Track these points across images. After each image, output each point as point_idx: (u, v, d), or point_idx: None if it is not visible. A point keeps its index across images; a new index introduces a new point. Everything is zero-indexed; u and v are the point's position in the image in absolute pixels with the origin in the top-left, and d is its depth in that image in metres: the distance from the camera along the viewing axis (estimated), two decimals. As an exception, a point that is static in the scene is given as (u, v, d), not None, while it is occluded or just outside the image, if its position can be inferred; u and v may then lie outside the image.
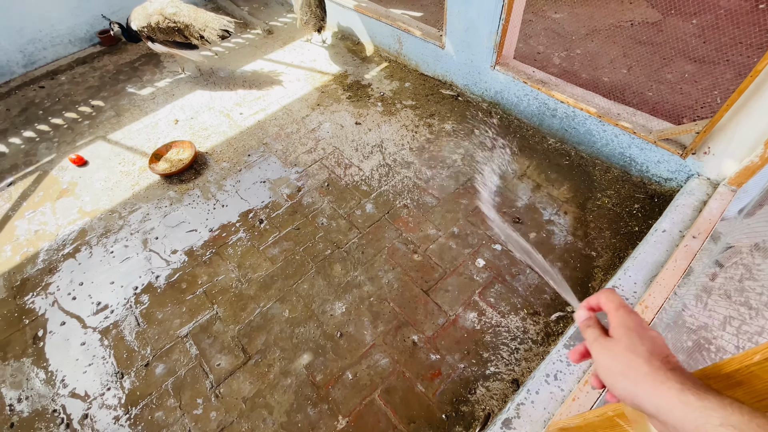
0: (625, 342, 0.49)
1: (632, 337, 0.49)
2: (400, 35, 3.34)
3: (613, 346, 0.50)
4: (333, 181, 2.66)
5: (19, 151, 3.14)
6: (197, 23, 3.02)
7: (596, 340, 0.53)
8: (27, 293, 2.26)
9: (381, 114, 3.09)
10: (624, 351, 0.48)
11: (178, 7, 3.03)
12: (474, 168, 2.60)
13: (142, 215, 2.56)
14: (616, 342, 0.50)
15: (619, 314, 0.52)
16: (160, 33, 3.06)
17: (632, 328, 0.50)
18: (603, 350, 0.51)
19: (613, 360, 0.49)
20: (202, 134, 3.08)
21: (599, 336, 0.53)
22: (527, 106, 2.75)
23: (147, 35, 3.11)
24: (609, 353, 0.50)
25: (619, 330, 0.50)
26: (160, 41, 3.13)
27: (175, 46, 3.16)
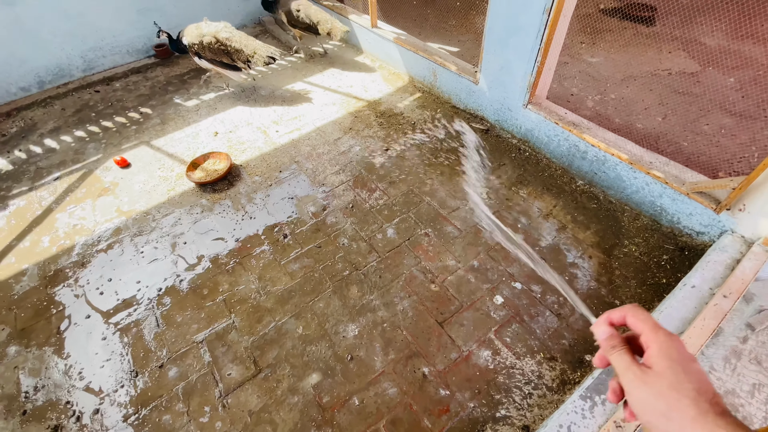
0: (669, 377, 0.42)
1: (677, 371, 0.42)
2: (435, 68, 3.44)
3: (654, 381, 0.43)
4: (357, 203, 2.71)
5: (69, 148, 3.36)
6: (247, 49, 3.27)
7: (629, 369, 0.46)
8: (58, 284, 2.37)
9: (410, 143, 3.16)
10: (667, 389, 0.41)
11: (231, 33, 3.28)
12: (501, 203, 2.61)
13: (174, 219, 2.68)
14: (658, 376, 0.43)
15: (660, 339, 0.45)
16: (209, 52, 3.30)
17: (676, 359, 0.43)
18: (641, 384, 0.44)
19: (654, 398, 0.42)
20: (238, 147, 3.22)
21: (632, 364, 0.46)
22: (557, 146, 2.76)
23: (196, 51, 3.35)
24: (648, 389, 0.43)
25: (661, 361, 0.43)
26: (207, 59, 3.37)
27: (220, 66, 3.39)
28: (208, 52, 3.32)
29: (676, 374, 0.42)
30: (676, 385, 0.41)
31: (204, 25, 3.33)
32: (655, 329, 0.46)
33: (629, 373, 0.46)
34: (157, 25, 3.63)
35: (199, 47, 3.31)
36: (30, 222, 2.77)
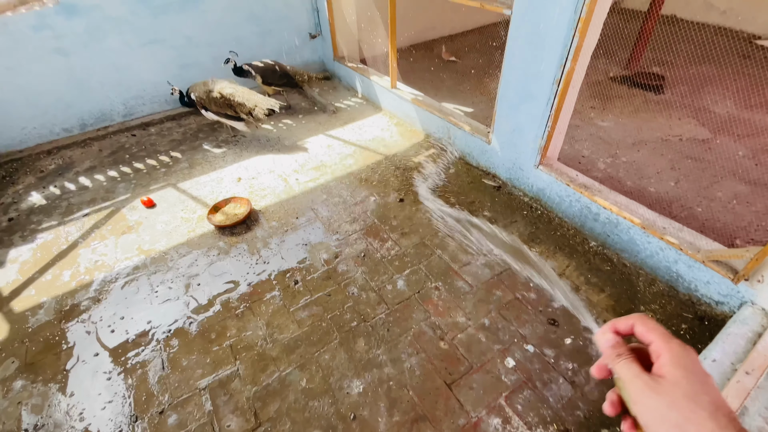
0: (684, 387, 0.39)
1: (693, 381, 0.40)
2: (449, 127, 3.62)
3: (668, 390, 0.40)
4: (369, 253, 2.75)
5: (100, 187, 3.56)
6: (249, 103, 3.64)
7: (638, 377, 0.43)
8: (72, 319, 2.41)
9: (425, 196, 3.24)
10: (683, 399, 0.39)
11: (235, 89, 3.68)
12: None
13: (191, 260, 2.75)
14: (672, 385, 0.40)
15: (673, 348, 0.42)
16: (214, 105, 3.69)
17: (692, 370, 0.40)
18: (652, 393, 0.41)
19: (667, 408, 0.39)
20: (259, 193, 3.36)
21: (641, 373, 0.43)
22: (569, 207, 2.80)
23: (203, 105, 3.73)
24: (661, 399, 0.40)
25: (675, 370, 0.40)
26: (213, 111, 3.74)
27: (225, 117, 3.76)
28: (213, 106, 3.69)
29: (692, 384, 0.40)
30: (693, 396, 0.39)
31: (210, 82, 3.72)
32: (667, 338, 0.43)
33: (638, 381, 0.43)
34: (170, 84, 3.97)
35: (206, 101, 3.68)
36: (54, 256, 2.88)
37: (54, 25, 3.75)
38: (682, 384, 0.40)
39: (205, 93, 3.68)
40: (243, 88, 3.78)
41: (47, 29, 3.74)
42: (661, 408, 0.40)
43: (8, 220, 3.26)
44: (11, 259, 2.87)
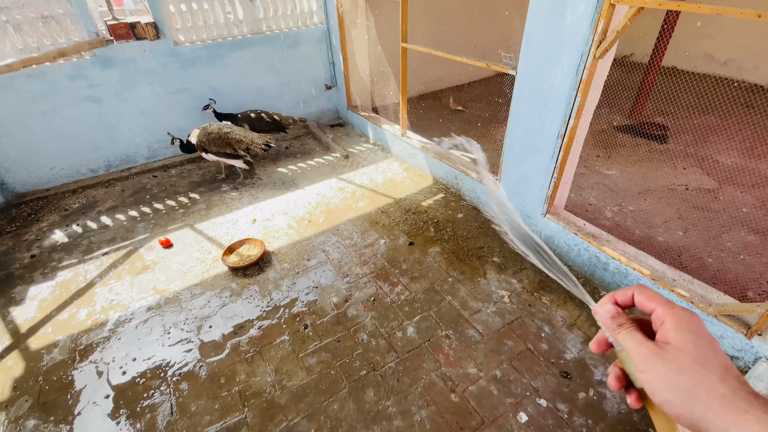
0: (692, 352, 0.38)
1: (701, 345, 0.38)
2: (457, 174, 3.74)
3: (675, 356, 0.38)
4: (379, 297, 2.77)
5: (121, 226, 3.69)
6: (246, 139, 4.01)
7: (642, 344, 0.41)
8: (86, 359, 2.44)
9: (433, 239, 3.30)
10: (692, 363, 0.37)
11: (232, 128, 4.04)
12: (523, 309, 2.61)
13: (203, 302, 2.79)
14: (679, 350, 0.38)
15: (678, 313, 0.40)
16: (214, 146, 3.94)
17: (698, 334, 0.39)
18: (659, 360, 0.39)
19: (675, 374, 0.38)
20: (273, 235, 3.45)
21: (645, 340, 0.41)
22: (578, 255, 2.82)
23: (203, 147, 3.98)
24: (669, 364, 0.38)
25: (681, 335, 0.39)
26: (213, 152, 3.99)
27: (224, 156, 4.02)
28: (213, 147, 3.95)
29: (700, 349, 0.38)
30: (702, 361, 0.37)
31: (208, 126, 4.01)
32: (670, 304, 0.42)
33: (643, 349, 0.41)
34: (170, 134, 4.17)
35: (206, 143, 3.94)
36: (72, 294, 2.95)
37: (89, 75, 4.06)
38: (689, 349, 0.38)
39: (205, 135, 3.95)
40: (239, 128, 4.12)
41: (82, 78, 4.05)
42: (669, 374, 0.38)
43: (30, 256, 3.38)
44: (31, 297, 2.95)
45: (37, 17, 3.71)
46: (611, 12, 2.09)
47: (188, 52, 4.40)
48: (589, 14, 2.14)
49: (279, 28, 4.85)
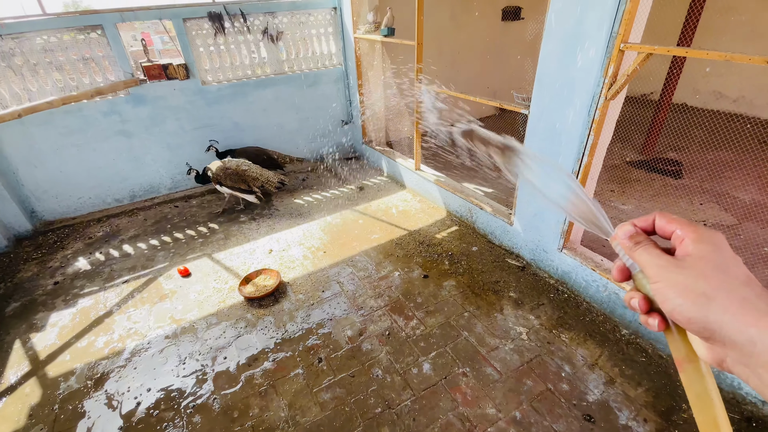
0: (714, 259, 0.36)
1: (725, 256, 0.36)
2: (471, 207, 3.78)
3: (695, 264, 0.37)
4: (394, 331, 2.74)
5: (142, 255, 3.79)
6: (262, 177, 4.19)
7: (659, 257, 0.39)
8: (101, 388, 2.45)
9: (447, 272, 3.30)
10: (713, 270, 0.36)
11: (249, 166, 4.20)
12: (542, 346, 2.55)
13: (219, 332, 2.81)
14: (700, 259, 0.37)
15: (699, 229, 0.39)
16: (230, 180, 4.09)
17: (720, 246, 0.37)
18: (677, 268, 0.37)
19: (694, 279, 0.36)
20: (289, 265, 3.50)
21: (663, 254, 0.39)
22: (596, 292, 2.78)
23: (218, 181, 4.14)
24: (687, 272, 0.37)
25: (703, 246, 0.37)
26: (227, 186, 4.13)
27: (238, 191, 4.17)
28: (228, 181, 4.10)
29: (724, 258, 0.36)
30: (723, 268, 0.36)
31: (227, 161, 4.18)
32: (691, 223, 0.40)
33: (659, 261, 0.39)
34: (188, 164, 4.40)
35: (222, 177, 4.10)
36: (92, 321, 3.00)
37: (122, 111, 4.32)
38: (711, 257, 0.37)
39: (222, 170, 4.11)
40: (255, 165, 4.29)
41: (115, 114, 4.31)
42: (687, 280, 0.37)
43: (54, 283, 3.47)
44: (51, 323, 3.01)
45: (79, 59, 4.01)
46: (621, 57, 2.18)
47: (214, 90, 4.66)
48: (599, 59, 2.24)
49: (300, 68, 5.13)
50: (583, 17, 2.26)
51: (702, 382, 0.39)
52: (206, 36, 4.41)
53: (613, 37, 2.16)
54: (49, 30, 3.77)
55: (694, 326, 0.36)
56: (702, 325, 0.35)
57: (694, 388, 0.40)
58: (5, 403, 2.41)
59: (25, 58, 3.76)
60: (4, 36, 3.61)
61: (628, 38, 2.14)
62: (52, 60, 3.88)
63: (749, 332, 0.33)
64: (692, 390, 0.40)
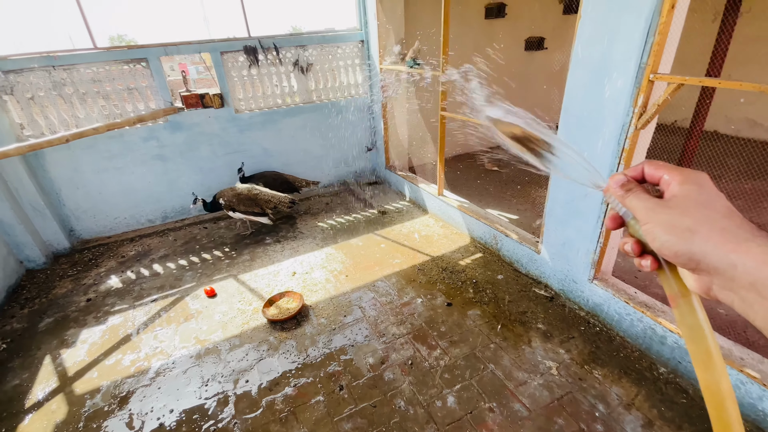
0: (696, 197, 0.39)
1: (707, 193, 0.39)
2: (496, 234, 3.73)
3: (679, 203, 0.40)
4: (417, 361, 2.68)
5: (170, 274, 3.89)
6: (274, 199, 4.30)
7: (648, 200, 0.42)
8: (125, 407, 2.47)
9: (472, 300, 3.23)
10: (695, 206, 0.39)
11: (261, 189, 4.37)
12: (573, 383, 2.42)
13: (242, 354, 2.81)
14: (684, 198, 0.40)
15: (684, 171, 0.41)
16: (242, 205, 4.19)
17: (704, 185, 0.40)
18: (663, 209, 0.40)
19: (679, 216, 0.39)
20: (311, 288, 3.51)
21: (651, 198, 0.42)
22: (630, 326, 2.65)
23: (231, 207, 4.23)
24: (672, 210, 0.40)
25: (688, 186, 0.40)
26: (240, 211, 4.22)
27: (252, 215, 4.26)
28: (242, 206, 4.20)
29: (706, 195, 0.39)
30: (706, 204, 0.39)
31: (237, 187, 4.33)
32: (677, 167, 0.43)
33: (648, 204, 0.42)
34: (194, 194, 4.45)
35: (235, 202, 4.21)
36: (120, 339, 3.07)
37: (160, 137, 4.56)
38: (694, 195, 0.39)
39: (234, 196, 4.24)
40: (265, 188, 4.43)
41: (154, 140, 4.55)
42: (673, 218, 0.39)
43: (86, 300, 3.59)
44: (82, 340, 3.09)
45: (124, 89, 4.31)
46: (650, 87, 2.17)
47: (246, 118, 4.88)
48: (628, 89, 2.23)
49: (327, 98, 5.33)
50: (611, 49, 2.27)
51: (694, 315, 0.41)
52: (241, 67, 4.67)
53: (642, 67, 2.16)
54: (98, 62, 4.08)
55: (680, 259, 0.39)
56: (688, 256, 0.38)
57: (686, 321, 0.42)
58: (31, 419, 2.46)
59: (75, 87, 4.06)
60: (56, 67, 3.93)
61: (657, 69, 2.14)
62: (99, 89, 4.18)
63: (730, 257, 0.36)
64: (685, 323, 0.42)
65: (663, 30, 2.03)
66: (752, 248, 0.35)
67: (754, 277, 0.35)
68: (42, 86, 3.93)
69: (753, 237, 0.36)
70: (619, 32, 2.20)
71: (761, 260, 0.34)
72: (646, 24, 2.07)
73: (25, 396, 2.62)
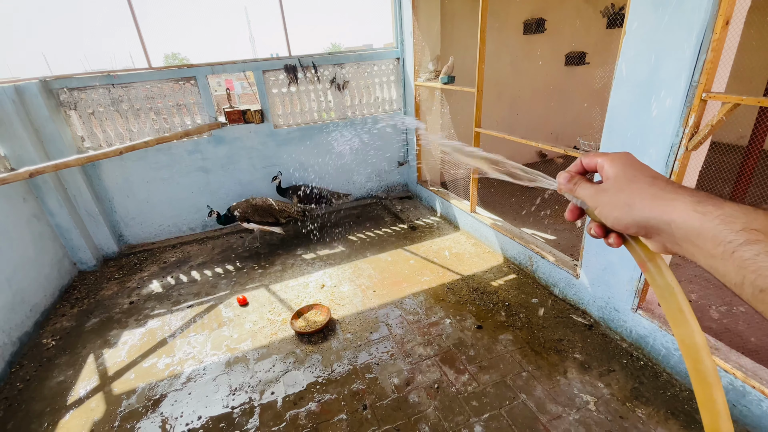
0: (623, 175, 0.45)
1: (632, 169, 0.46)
2: (531, 255, 3.59)
3: (612, 184, 0.46)
4: (443, 385, 2.59)
5: (206, 281, 4.04)
6: (288, 209, 4.52)
7: (590, 188, 0.49)
8: (157, 410, 2.56)
9: (504, 324, 3.10)
10: (625, 183, 0.45)
11: (273, 201, 4.49)
12: (613, 420, 2.25)
13: (269, 365, 2.85)
14: (614, 179, 0.46)
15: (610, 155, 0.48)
16: (258, 216, 4.32)
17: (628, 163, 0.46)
18: (601, 192, 0.47)
19: (615, 195, 0.46)
20: (339, 302, 3.52)
21: (592, 185, 0.49)
22: (679, 363, 2.44)
23: (246, 218, 4.34)
24: (609, 192, 0.46)
25: (615, 168, 0.47)
26: (255, 221, 4.35)
27: (266, 225, 4.39)
28: (257, 216, 4.34)
29: (632, 171, 0.45)
30: (632, 178, 0.45)
31: (251, 199, 4.46)
32: (605, 153, 0.49)
33: (591, 191, 0.48)
34: (209, 207, 4.59)
35: (250, 213, 4.34)
36: (157, 342, 3.20)
37: (204, 150, 4.81)
38: (620, 174, 0.46)
39: (249, 206, 4.38)
40: (276, 200, 4.60)
41: (198, 153, 4.81)
42: (612, 197, 0.46)
43: (129, 303, 3.79)
44: (123, 341, 3.26)
45: (173, 105, 4.60)
46: (703, 107, 2.03)
47: (284, 133, 5.06)
48: (677, 109, 2.10)
49: (362, 113, 5.43)
50: (658, 66, 2.16)
51: (662, 276, 0.45)
52: (281, 85, 4.87)
53: (693, 86, 2.03)
54: (152, 80, 4.39)
55: (632, 229, 0.45)
56: (636, 225, 0.44)
57: (657, 282, 0.45)
58: (72, 415, 2.60)
59: (131, 103, 4.39)
60: (115, 85, 4.26)
61: (710, 87, 2.00)
62: (152, 105, 4.48)
63: (663, 218, 0.41)
64: (656, 284, 0.45)
65: (716, 47, 1.90)
66: (677, 206, 0.41)
67: (685, 230, 0.40)
68: (102, 102, 4.28)
69: (677, 195, 0.41)
70: (668, 49, 2.09)
71: (686, 215, 0.40)
72: (698, 41, 1.95)
73: (68, 392, 2.78)
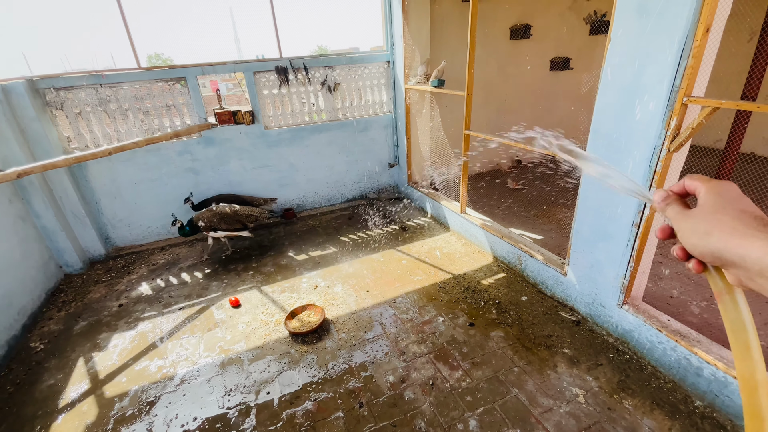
0: (712, 205, 0.46)
1: (724, 200, 0.45)
2: (520, 254, 3.67)
3: (699, 211, 0.47)
4: (438, 382, 2.64)
5: (197, 283, 4.01)
6: (254, 213, 4.43)
7: (680, 212, 0.49)
8: (150, 413, 2.53)
9: (495, 321, 3.17)
10: (710, 212, 0.45)
11: (234, 207, 4.31)
12: (601, 412, 2.33)
13: (264, 366, 2.85)
14: (703, 206, 0.46)
15: (712, 182, 0.48)
16: (224, 223, 4.23)
17: (724, 194, 0.46)
18: (686, 217, 0.48)
19: (697, 222, 0.46)
20: (332, 302, 3.54)
21: (683, 209, 0.49)
22: (663, 355, 2.54)
23: (211, 227, 4.21)
24: (693, 219, 0.47)
25: (710, 196, 0.47)
26: (222, 229, 4.25)
27: (233, 231, 4.30)
28: (223, 224, 4.23)
29: (723, 200, 0.45)
30: (719, 209, 0.45)
31: (215, 208, 4.25)
32: (707, 179, 0.49)
33: (680, 215, 0.49)
34: (173, 215, 4.50)
35: (216, 222, 4.20)
36: (148, 345, 3.16)
37: (193, 151, 4.77)
38: (710, 203, 0.46)
39: (215, 215, 4.19)
40: (242, 206, 4.46)
41: (187, 154, 4.76)
42: (695, 224, 0.46)
43: (118, 305, 3.73)
44: (113, 344, 3.21)
45: (162, 105, 4.55)
46: (684, 110, 2.14)
47: (275, 134, 5.06)
48: (660, 112, 2.21)
49: (353, 115, 5.47)
50: (642, 72, 2.26)
51: (736, 310, 0.45)
52: (272, 86, 4.87)
53: (675, 90, 2.14)
54: (141, 81, 4.34)
55: (707, 258, 0.46)
56: (711, 255, 0.44)
57: (729, 315, 0.46)
58: (64, 419, 2.56)
59: (119, 103, 4.33)
60: (103, 85, 4.20)
61: (691, 92, 2.11)
62: (140, 106, 4.43)
63: (738, 252, 0.42)
64: (728, 317, 0.46)
65: (697, 53, 2.01)
66: (755, 242, 0.41)
67: (760, 266, 0.40)
68: (89, 102, 4.21)
69: (758, 233, 0.41)
70: (651, 55, 2.19)
71: (762, 252, 0.40)
72: (679, 47, 2.05)
73: (59, 396, 2.73)
